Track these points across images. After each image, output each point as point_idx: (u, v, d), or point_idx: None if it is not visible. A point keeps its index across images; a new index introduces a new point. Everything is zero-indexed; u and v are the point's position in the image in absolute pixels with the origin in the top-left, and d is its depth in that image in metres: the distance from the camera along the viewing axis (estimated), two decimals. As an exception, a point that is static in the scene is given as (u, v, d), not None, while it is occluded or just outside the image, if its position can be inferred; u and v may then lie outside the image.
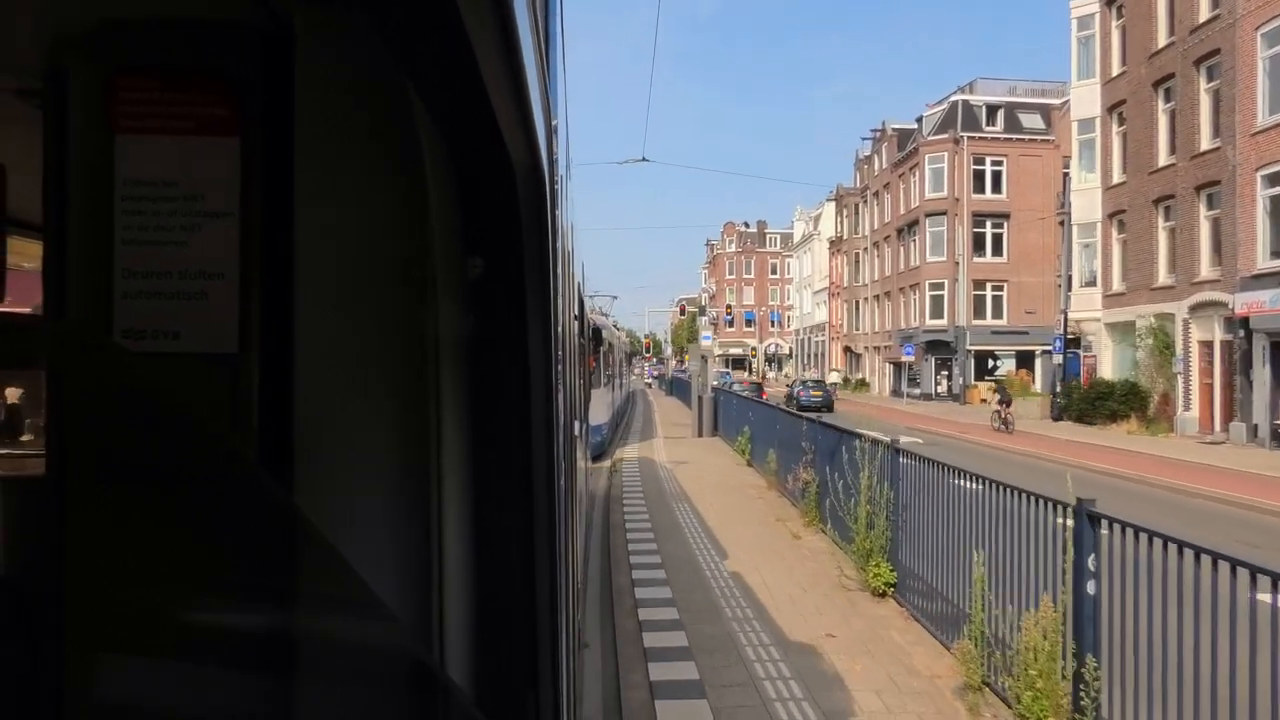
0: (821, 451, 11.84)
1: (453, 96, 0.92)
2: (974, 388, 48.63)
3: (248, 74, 0.92)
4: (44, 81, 0.92)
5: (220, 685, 0.75)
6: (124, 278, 0.90)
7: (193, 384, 0.91)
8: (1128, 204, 30.73)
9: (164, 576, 0.72)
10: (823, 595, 8.54)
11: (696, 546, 10.77)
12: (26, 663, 0.81)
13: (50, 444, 0.84)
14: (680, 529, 11.98)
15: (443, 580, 1.00)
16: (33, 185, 0.92)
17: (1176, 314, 27.52)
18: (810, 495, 12.12)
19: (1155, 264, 29.19)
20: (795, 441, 13.70)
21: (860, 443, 9.38)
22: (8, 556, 0.97)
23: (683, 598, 8.41)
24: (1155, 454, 21.98)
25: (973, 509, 6.66)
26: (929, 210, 51.61)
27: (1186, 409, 27.21)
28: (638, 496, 14.97)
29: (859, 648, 7.08)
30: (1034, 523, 5.73)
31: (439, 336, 1.00)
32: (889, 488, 8.50)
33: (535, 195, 1.01)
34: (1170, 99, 28.51)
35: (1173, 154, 28.28)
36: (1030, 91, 55.08)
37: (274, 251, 0.91)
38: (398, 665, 0.78)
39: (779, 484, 15.15)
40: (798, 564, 9.85)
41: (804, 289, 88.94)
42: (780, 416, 15.35)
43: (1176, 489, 16.80)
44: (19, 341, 0.92)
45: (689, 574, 9.38)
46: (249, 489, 0.72)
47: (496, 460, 1.07)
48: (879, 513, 8.69)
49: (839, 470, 10.41)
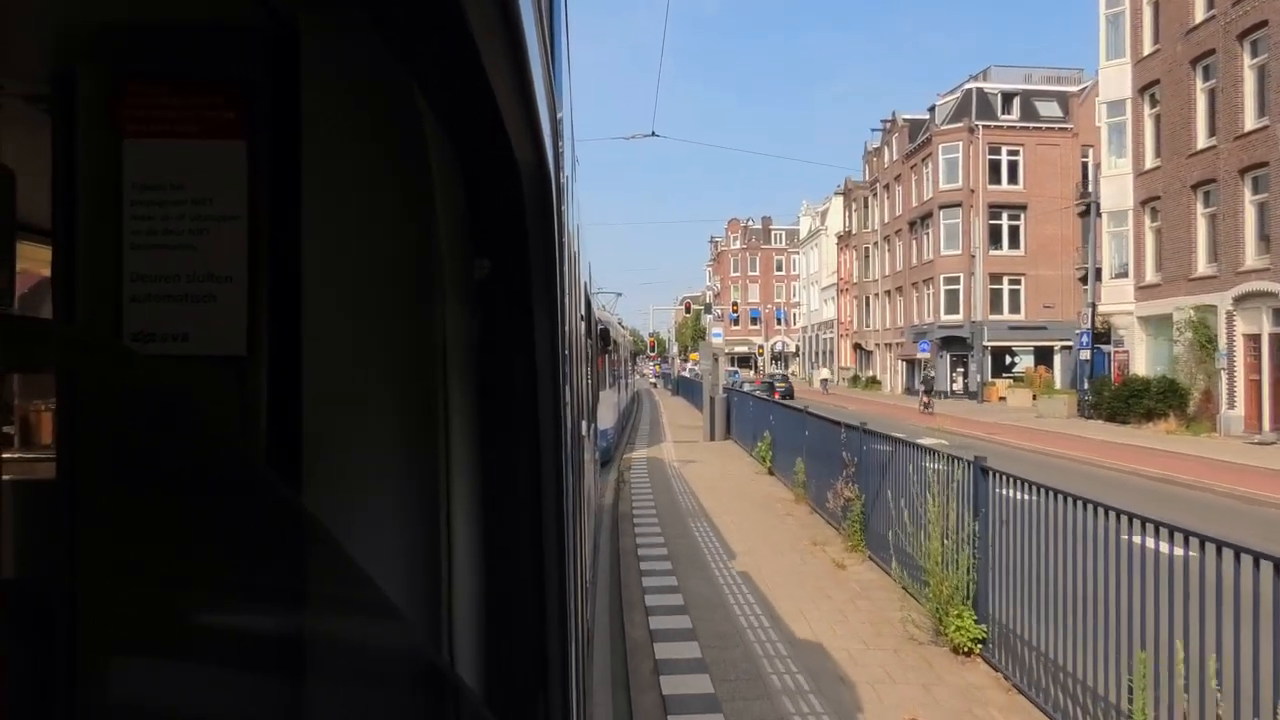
0: (868, 465, 10.13)
1: (458, 96, 0.92)
2: (992, 385, 46.89)
3: (253, 77, 0.93)
4: (51, 86, 0.94)
5: (231, 686, 0.75)
6: (132, 281, 0.91)
7: (201, 386, 0.92)
8: (1162, 190, 28.98)
9: (174, 578, 0.72)
10: (890, 652, 6.82)
11: (724, 581, 9.06)
12: (39, 664, 0.81)
13: (61, 447, 0.86)
14: (701, 556, 10.27)
15: (452, 580, 1.01)
16: (41, 190, 0.95)
17: (1219, 305, 25.76)
18: (854, 515, 10.41)
19: (1194, 253, 27.43)
20: (831, 450, 11.98)
21: (930, 459, 7.65)
22: (20, 559, 0.96)
23: (715, 658, 6.70)
24: (1208, 457, 20.22)
25: (1159, 578, 4.66)
26: (943, 202, 49.86)
27: (1231, 407, 25.46)
28: (649, 513, 13.26)
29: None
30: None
31: (446, 337, 1.01)
32: (972, 518, 6.78)
33: (541, 194, 1.01)
34: (1210, 77, 26.76)
35: (1212, 135, 26.54)
36: (1046, 79, 53.33)
37: (281, 254, 0.92)
38: (408, 666, 0.78)
39: (809, 498, 13.45)
40: (849, 605, 8.14)
41: (811, 285, 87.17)
42: (810, 422, 13.61)
43: (1247, 498, 15.01)
44: (29, 345, 0.90)
45: (719, 623, 7.67)
46: (258, 491, 0.73)
47: (505, 460, 1.07)
48: (958, 548, 6.98)
49: (896, 488, 8.71)
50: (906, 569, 8.07)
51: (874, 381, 63.10)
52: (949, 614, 6.79)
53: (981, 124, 48.63)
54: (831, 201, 78.04)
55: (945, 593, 6.85)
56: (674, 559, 10.08)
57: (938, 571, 6.99)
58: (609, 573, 9.52)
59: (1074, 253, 48.00)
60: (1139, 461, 19.74)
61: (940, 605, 6.89)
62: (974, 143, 48.75)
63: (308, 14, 0.90)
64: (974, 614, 6.69)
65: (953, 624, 6.70)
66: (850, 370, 69.20)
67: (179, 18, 0.93)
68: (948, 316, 49.76)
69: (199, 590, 0.73)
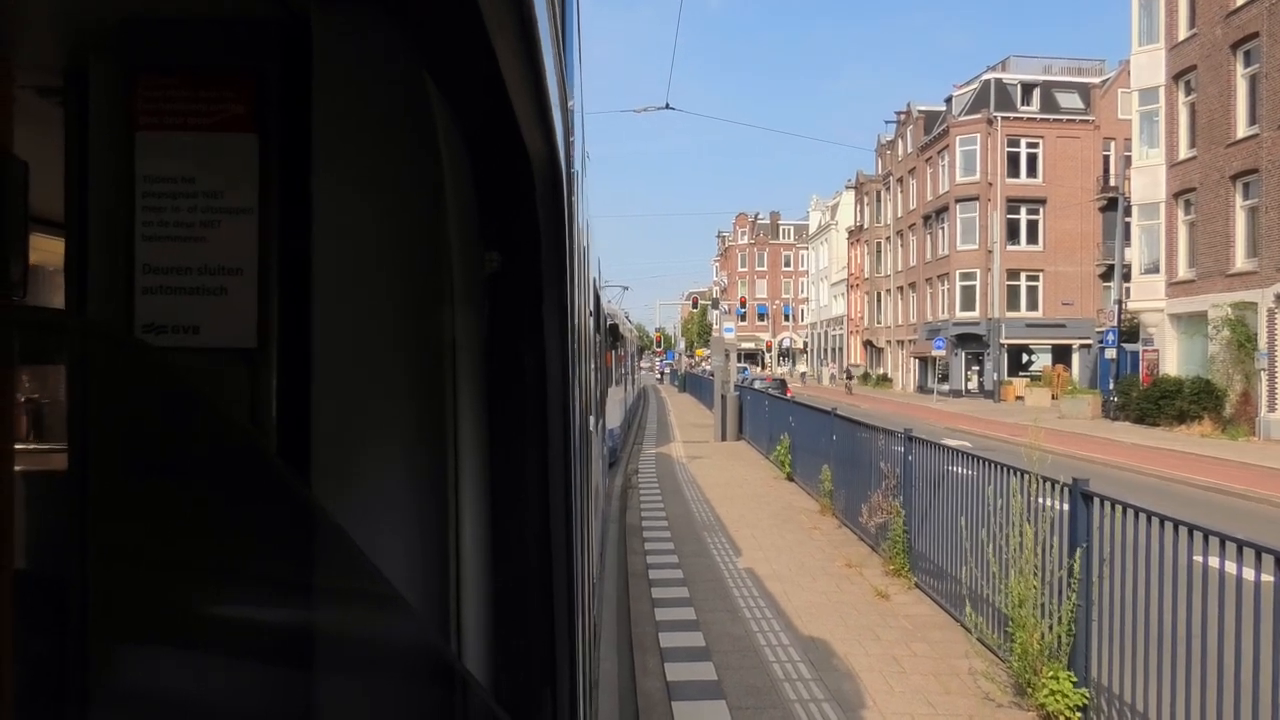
0: (914, 477, 8.82)
1: (470, 89, 0.93)
2: (1009, 384, 45.47)
3: (266, 70, 0.93)
4: (65, 79, 0.95)
5: (239, 676, 0.76)
6: (144, 273, 0.92)
7: (212, 379, 0.92)
8: (1198, 181, 27.54)
9: (184, 569, 0.73)
10: (965, 719, 5.52)
11: (750, 615, 7.74)
12: (52, 654, 0.82)
13: (72, 439, 0.85)
14: (722, 580, 8.96)
15: (460, 573, 1.01)
16: (54, 182, 0.94)
17: (1260, 302, 24.33)
18: (895, 534, 9.10)
19: (1232, 247, 26.00)
20: (863, 458, 10.67)
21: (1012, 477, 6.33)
22: (32, 550, 0.96)
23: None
24: (1254, 463, 18.84)
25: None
26: (960, 195, 48.37)
27: (1271, 409, 24.05)
28: (659, 524, 11.95)
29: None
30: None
31: (456, 330, 1.01)
32: (1070, 554, 5.46)
33: (552, 187, 1.00)
34: (1252, 62, 25.30)
35: (1254, 123, 25.10)
36: (1066, 70, 51.81)
37: (292, 247, 0.92)
38: (416, 658, 0.79)
39: (836, 510, 12.14)
40: (903, 650, 6.83)
41: (820, 281, 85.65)
42: (839, 425, 12.27)
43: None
44: (41, 337, 0.89)
45: (749, 673, 6.36)
46: (268, 483, 0.73)
47: (513, 454, 1.07)
48: (1049, 595, 5.66)
49: (956, 507, 7.41)
50: (973, 606, 6.76)
51: (885, 379, 61.66)
52: (1039, 673, 5.48)
53: (1000, 115, 47.13)
54: (842, 196, 76.51)
55: (1035, 647, 5.53)
56: (690, 584, 8.78)
57: (1027, 620, 5.66)
58: (615, 601, 8.22)
59: (1094, 248, 46.57)
60: (1181, 468, 18.38)
61: (1028, 662, 5.58)
62: (992, 134, 47.25)
63: (320, 6, 0.90)
64: (1071, 675, 5.38)
65: (1045, 686, 5.39)
66: (860, 367, 67.74)
67: (191, 10, 0.94)
68: (963, 313, 48.33)
69: (209, 581, 0.73)
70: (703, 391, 38.02)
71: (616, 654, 6.82)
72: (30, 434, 1.37)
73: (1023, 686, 5.67)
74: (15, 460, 0.99)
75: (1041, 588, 5.73)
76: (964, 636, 6.93)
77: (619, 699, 5.94)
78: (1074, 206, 46.09)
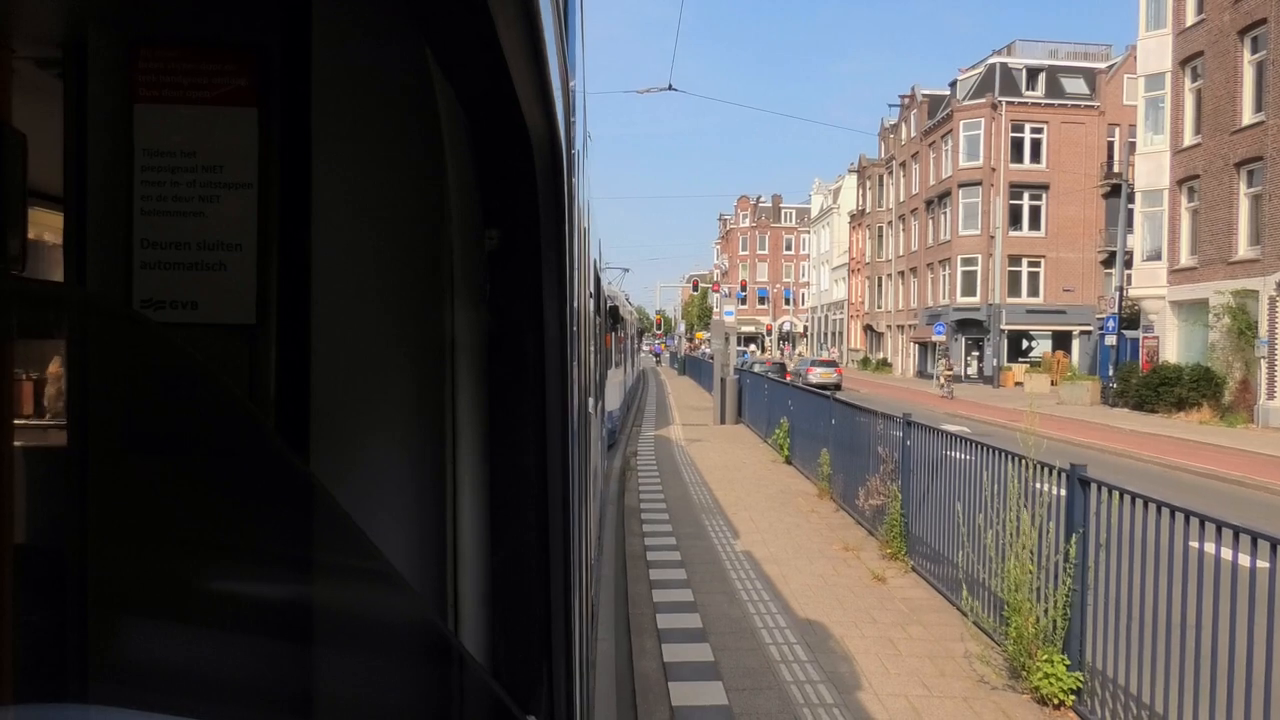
0: (911, 462, 8.84)
1: (470, 62, 0.90)
2: (1008, 369, 45.48)
3: (267, 44, 0.91)
4: (63, 50, 0.93)
5: (239, 651, 0.76)
6: (143, 248, 0.91)
7: (211, 355, 0.91)
8: (1202, 168, 27.44)
9: (183, 544, 0.73)
10: (960, 701, 5.55)
11: (748, 597, 7.78)
12: (52, 627, 0.82)
13: (71, 414, 0.85)
14: (719, 562, 9.00)
15: (458, 551, 1.00)
16: (53, 155, 0.93)
17: (1261, 290, 24.31)
18: (891, 518, 9.13)
19: (1235, 234, 25.95)
20: (861, 443, 10.69)
21: (1009, 462, 6.35)
22: (33, 525, 0.97)
23: (745, 706, 5.44)
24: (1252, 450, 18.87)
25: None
26: (962, 180, 48.22)
27: (1270, 397, 24.08)
28: (658, 506, 12.00)
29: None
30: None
31: (455, 309, 0.99)
32: (1066, 539, 5.48)
33: (553, 166, 0.99)
34: (1259, 48, 25.16)
35: (1259, 110, 25.00)
36: (1072, 55, 51.49)
37: (292, 223, 0.90)
38: (413, 634, 0.78)
39: (834, 493, 12.18)
40: (898, 632, 6.87)
41: (821, 265, 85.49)
42: (838, 409, 12.28)
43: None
44: (40, 311, 0.87)
45: (746, 655, 6.41)
46: (266, 458, 0.73)
47: (512, 433, 1.06)
48: (1044, 580, 5.69)
49: (952, 493, 7.44)
50: (969, 590, 6.79)
51: (884, 364, 61.68)
52: (1034, 656, 5.52)
53: (1005, 100, 46.91)
54: (844, 179, 76.23)
55: (1030, 631, 5.57)
56: (688, 566, 8.82)
57: (1022, 604, 5.69)
58: (614, 584, 8.27)
59: (1096, 235, 46.45)
60: (1179, 455, 18.41)
61: (1022, 645, 5.61)
62: (996, 119, 47.04)
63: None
64: (1065, 658, 5.41)
65: (1039, 670, 5.42)
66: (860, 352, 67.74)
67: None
68: (964, 298, 48.29)
69: (207, 556, 0.73)
70: (702, 374, 38.05)
71: (614, 635, 6.85)
72: (29, 409, 1.35)
73: (1017, 670, 5.71)
74: (15, 435, 0.98)
75: (1037, 572, 5.75)
76: (960, 620, 6.97)
77: (616, 679, 5.97)
78: (1077, 192, 45.96)
